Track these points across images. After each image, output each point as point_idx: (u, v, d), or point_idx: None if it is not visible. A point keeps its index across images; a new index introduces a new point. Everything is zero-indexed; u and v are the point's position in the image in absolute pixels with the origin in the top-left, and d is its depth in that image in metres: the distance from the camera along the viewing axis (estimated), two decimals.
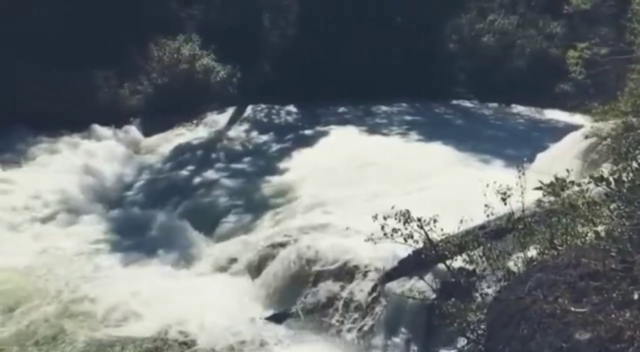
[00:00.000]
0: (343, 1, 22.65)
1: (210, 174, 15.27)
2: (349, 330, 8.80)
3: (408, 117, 20.14)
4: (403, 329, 8.36)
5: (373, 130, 18.01)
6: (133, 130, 18.35)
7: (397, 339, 8.37)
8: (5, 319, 9.33)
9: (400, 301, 8.28)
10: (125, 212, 13.53)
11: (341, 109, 20.54)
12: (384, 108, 20.97)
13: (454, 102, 22.78)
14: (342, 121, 19.05)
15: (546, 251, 5.19)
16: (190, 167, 15.83)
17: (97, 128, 17.51)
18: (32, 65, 17.08)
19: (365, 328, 8.72)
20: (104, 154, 16.33)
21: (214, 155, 16.65)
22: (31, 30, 17.50)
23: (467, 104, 22.91)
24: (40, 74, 17.16)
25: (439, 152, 15.13)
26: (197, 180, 15.10)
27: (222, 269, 10.90)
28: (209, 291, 10.17)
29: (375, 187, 12.44)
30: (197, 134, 18.34)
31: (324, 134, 17.44)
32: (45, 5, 18.13)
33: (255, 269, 10.47)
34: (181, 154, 16.83)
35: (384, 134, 17.71)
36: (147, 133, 18.49)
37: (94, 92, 18.65)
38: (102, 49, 18.00)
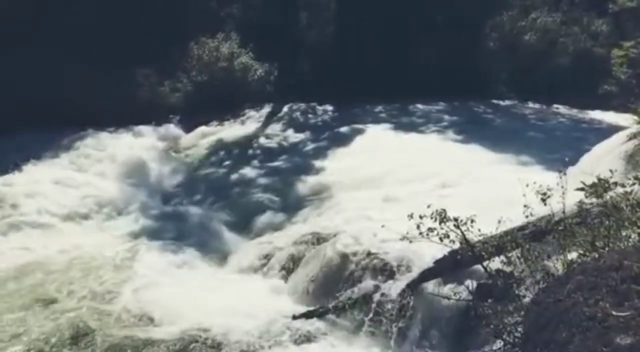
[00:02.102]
0: None
1: (246, 172, 15.43)
2: (383, 329, 8.75)
3: (446, 116, 19.90)
4: (438, 330, 8.28)
5: (410, 129, 17.87)
6: (172, 128, 18.68)
7: (431, 340, 8.29)
8: (29, 317, 9.22)
9: (435, 301, 8.21)
10: (161, 209, 13.71)
11: (378, 108, 20.44)
12: (421, 107, 20.78)
13: (494, 101, 22.41)
14: (379, 120, 18.97)
15: (587, 254, 5.06)
16: (227, 164, 16.04)
17: (137, 125, 17.90)
18: (76, 65, 17.54)
19: (399, 328, 8.65)
20: (143, 150, 16.65)
21: (250, 153, 16.82)
22: (75, 30, 17.98)
23: (507, 103, 22.51)
24: (84, 72, 17.60)
25: (477, 152, 14.91)
26: (233, 177, 15.28)
27: (256, 266, 10.94)
28: (241, 289, 10.22)
29: (411, 187, 12.34)
30: (235, 132, 18.54)
31: (360, 132, 17.39)
32: (88, 5, 18.62)
33: (289, 267, 10.52)
34: (219, 151, 17.05)
35: (421, 133, 17.57)
36: (185, 130, 18.80)
37: (134, 90, 19.07)
38: (143, 48, 18.37)
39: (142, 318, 9.35)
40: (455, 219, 6.13)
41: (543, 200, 5.75)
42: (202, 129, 18.67)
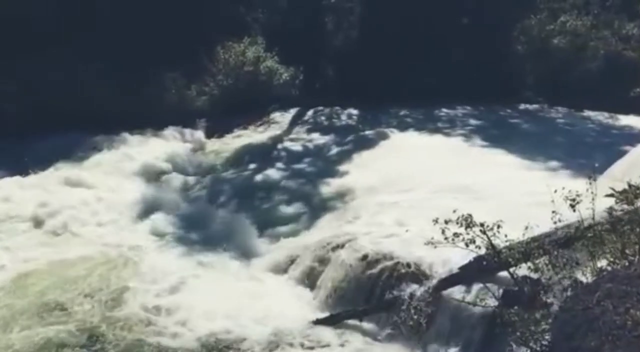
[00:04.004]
0: (407, 2, 22.45)
1: (271, 175, 15.47)
2: (406, 335, 8.67)
3: (472, 121, 19.73)
4: (462, 337, 8.17)
5: (435, 133, 17.76)
6: (198, 131, 18.86)
7: (455, 347, 8.19)
8: (43, 323, 9.08)
9: (460, 307, 8.11)
10: (186, 211, 13.62)
11: (403, 112, 20.34)
12: (446, 111, 20.65)
13: (522, 106, 22.13)
14: (403, 124, 18.89)
15: (617, 261, 4.96)
16: (252, 167, 16.10)
17: (164, 128, 18.11)
18: (104, 67, 17.87)
19: (423, 334, 8.57)
20: (169, 153, 16.82)
21: (275, 156, 16.89)
22: (104, 33, 18.32)
23: (535, 107, 22.21)
24: (112, 75, 17.91)
25: (504, 158, 14.73)
26: (258, 180, 15.33)
27: (279, 270, 10.91)
28: (264, 292, 10.18)
29: (436, 192, 12.23)
30: (260, 135, 18.67)
31: (385, 137, 17.33)
32: (115, 9, 18.95)
33: (312, 270, 10.48)
34: (244, 154, 17.15)
35: (446, 138, 17.42)
36: (211, 133, 18.98)
37: (162, 93, 19.31)
38: (171, 52, 18.61)
39: (160, 323, 9.23)
40: (482, 225, 6.04)
41: (572, 206, 5.64)
42: (228, 132, 18.82)
